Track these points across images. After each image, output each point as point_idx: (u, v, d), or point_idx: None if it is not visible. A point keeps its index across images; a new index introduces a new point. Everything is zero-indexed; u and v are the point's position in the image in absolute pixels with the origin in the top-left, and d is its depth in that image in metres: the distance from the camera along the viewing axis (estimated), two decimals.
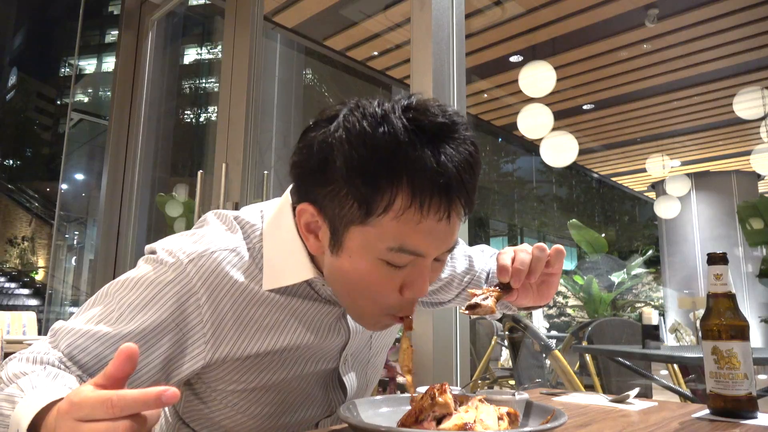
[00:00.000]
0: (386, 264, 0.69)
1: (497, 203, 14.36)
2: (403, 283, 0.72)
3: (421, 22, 2.06)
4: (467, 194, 0.69)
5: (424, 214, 0.66)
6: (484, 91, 6.81)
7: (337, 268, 0.73)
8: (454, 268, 1.06)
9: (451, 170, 0.66)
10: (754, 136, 7.59)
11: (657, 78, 6.20)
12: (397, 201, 0.65)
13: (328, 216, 0.71)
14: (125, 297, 0.74)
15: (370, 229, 0.67)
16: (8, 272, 17.99)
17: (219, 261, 0.76)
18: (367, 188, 0.66)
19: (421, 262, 0.71)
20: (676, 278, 9.44)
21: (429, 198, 0.65)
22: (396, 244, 0.67)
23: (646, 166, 8.39)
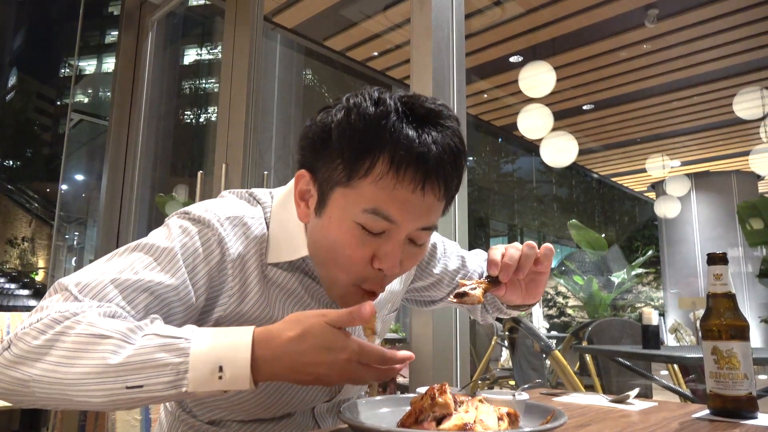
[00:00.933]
0: (361, 229, 0.74)
1: (497, 203, 14.36)
2: (375, 254, 0.76)
3: (421, 22, 2.06)
4: (445, 175, 0.74)
5: (399, 181, 0.72)
6: (484, 91, 6.81)
7: (318, 230, 0.79)
8: (446, 266, 1.11)
9: (431, 148, 0.72)
10: (754, 136, 7.59)
11: (657, 78, 6.21)
12: (377, 166, 0.72)
13: (318, 181, 0.78)
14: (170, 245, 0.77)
15: (351, 191, 0.74)
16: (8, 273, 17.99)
17: (249, 225, 0.83)
18: (353, 152, 0.73)
19: (395, 234, 0.75)
20: (676, 278, 9.44)
21: (405, 167, 0.71)
22: (370, 206, 0.73)
23: (646, 166, 8.39)
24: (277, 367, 0.64)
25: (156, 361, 0.62)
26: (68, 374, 0.62)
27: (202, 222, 0.80)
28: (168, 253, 0.76)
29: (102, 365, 0.62)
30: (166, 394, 0.62)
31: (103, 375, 0.62)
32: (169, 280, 0.74)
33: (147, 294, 0.73)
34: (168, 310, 0.75)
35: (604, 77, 6.23)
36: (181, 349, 0.63)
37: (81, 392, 0.62)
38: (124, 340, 0.63)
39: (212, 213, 0.81)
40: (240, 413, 0.89)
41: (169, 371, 0.62)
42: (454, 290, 1.03)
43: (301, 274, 0.87)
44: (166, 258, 0.76)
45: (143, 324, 0.66)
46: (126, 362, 0.62)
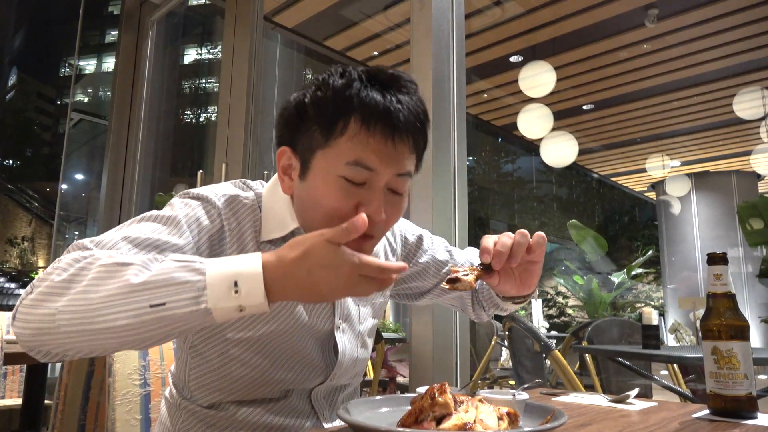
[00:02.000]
0: (345, 180, 0.82)
1: (497, 203, 14.36)
2: (359, 203, 0.83)
3: (421, 22, 2.06)
4: (411, 128, 0.83)
5: (372, 135, 0.81)
6: (484, 91, 6.81)
7: (304, 193, 0.87)
8: (433, 256, 1.15)
9: (396, 106, 0.82)
10: (754, 136, 7.59)
11: (657, 78, 6.21)
12: (350, 125, 0.81)
13: (299, 151, 0.87)
14: (174, 214, 0.84)
15: (331, 150, 0.82)
16: (8, 272, 18.00)
17: (244, 204, 0.91)
18: (327, 117, 0.82)
19: (375, 182, 0.83)
20: (676, 278, 9.45)
21: (375, 123, 0.80)
22: (351, 159, 0.81)
23: (646, 166, 8.38)
24: (286, 284, 0.69)
25: (176, 279, 0.66)
26: (93, 300, 0.66)
27: (202, 198, 0.89)
28: (173, 220, 0.83)
29: (126, 285, 0.66)
30: (188, 311, 0.66)
31: (127, 295, 0.66)
32: (176, 240, 0.81)
33: (157, 251, 0.78)
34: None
35: (604, 77, 6.23)
36: (197, 269, 0.67)
37: (106, 315, 0.65)
38: (144, 266, 0.68)
39: (210, 191, 0.90)
40: (237, 392, 0.91)
41: (189, 288, 0.66)
42: (446, 277, 1.07)
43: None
44: (172, 224, 0.83)
45: (159, 257, 0.71)
46: (148, 281, 0.66)
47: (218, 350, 0.91)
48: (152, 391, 1.16)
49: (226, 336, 0.90)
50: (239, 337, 0.89)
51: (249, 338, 0.90)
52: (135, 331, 0.66)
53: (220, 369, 0.91)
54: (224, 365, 0.91)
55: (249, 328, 0.89)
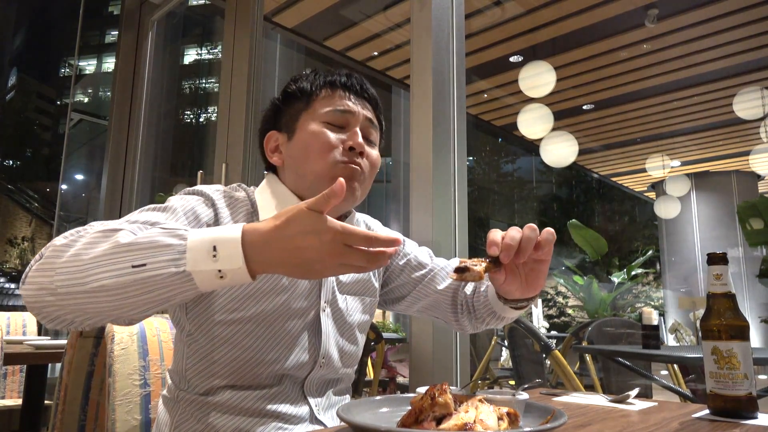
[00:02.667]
0: (328, 125, 0.99)
1: (497, 203, 14.36)
2: (342, 140, 0.99)
3: (421, 22, 2.06)
4: (368, 93, 1.05)
5: (341, 95, 1.02)
6: (484, 91, 6.81)
7: (295, 148, 1.01)
8: (415, 256, 1.18)
9: (356, 80, 1.04)
10: (754, 136, 7.59)
11: (657, 78, 6.21)
12: (323, 90, 1.02)
13: (284, 126, 1.05)
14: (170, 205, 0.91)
15: (311, 108, 1.01)
16: (8, 272, 18.00)
17: (237, 198, 1.01)
18: (305, 91, 1.03)
19: (353, 123, 1.00)
20: (676, 278, 9.45)
21: (340, 88, 1.02)
22: (330, 108, 1.00)
23: (646, 166, 8.38)
24: (268, 252, 0.69)
25: (158, 242, 0.70)
26: (84, 260, 0.70)
27: (196, 192, 0.98)
28: (170, 208, 0.90)
29: (113, 246, 0.70)
30: (167, 272, 0.68)
31: (112, 255, 0.70)
32: (172, 225, 0.85)
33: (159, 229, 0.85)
34: None
35: (604, 77, 6.23)
36: (179, 235, 0.71)
37: (94, 275, 0.69)
38: (133, 231, 0.74)
39: (204, 187, 1.00)
40: (231, 376, 0.93)
41: (169, 250, 0.69)
42: (423, 281, 1.14)
43: None
44: (169, 211, 0.90)
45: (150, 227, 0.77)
46: (133, 242, 0.70)
47: (210, 334, 0.93)
48: (152, 391, 1.16)
49: (216, 319, 0.93)
50: (230, 318, 0.93)
51: (239, 319, 0.93)
52: (119, 292, 0.69)
53: (213, 353, 0.93)
54: (216, 348, 0.93)
55: (238, 309, 0.92)
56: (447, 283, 1.14)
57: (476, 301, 1.11)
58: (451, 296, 1.14)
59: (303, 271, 0.70)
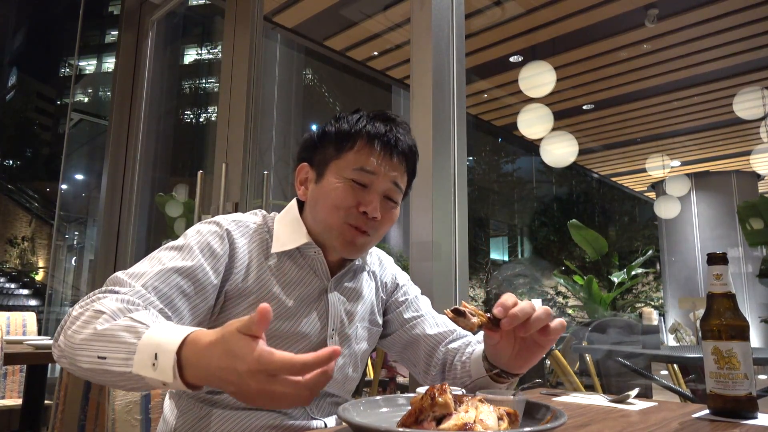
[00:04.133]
0: (351, 182, 1.02)
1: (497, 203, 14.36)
2: (359, 202, 1.01)
3: (421, 22, 2.06)
4: (405, 152, 1.06)
5: (374, 149, 1.03)
6: (484, 91, 6.80)
7: (318, 191, 1.05)
8: (414, 295, 1.22)
9: (394, 132, 1.05)
10: (754, 136, 7.59)
11: (657, 78, 6.20)
12: (358, 142, 1.03)
13: (316, 164, 1.08)
14: (186, 243, 0.98)
15: (341, 161, 1.04)
16: (8, 272, 18.00)
17: (251, 228, 1.07)
18: (342, 137, 1.05)
19: (375, 186, 1.02)
20: (676, 278, 9.44)
21: (378, 143, 1.03)
22: (358, 166, 1.02)
23: (646, 166, 8.38)
24: (198, 368, 0.66)
25: (117, 338, 0.72)
26: (76, 340, 0.76)
27: (213, 222, 1.04)
28: (186, 247, 0.97)
29: (92, 333, 0.75)
30: (120, 370, 0.70)
31: (89, 342, 0.74)
32: (188, 263, 0.94)
33: (176, 274, 0.92)
34: (193, 286, 0.93)
35: (604, 77, 6.22)
36: (137, 333, 0.71)
37: (80, 356, 0.75)
38: (113, 315, 0.76)
39: (221, 218, 1.06)
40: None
41: (123, 348, 0.71)
42: (407, 325, 1.17)
43: (298, 258, 1.08)
44: (185, 250, 0.96)
45: (133, 308, 0.79)
46: (104, 333, 0.73)
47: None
48: (152, 391, 1.16)
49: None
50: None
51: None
52: (94, 375, 0.75)
53: None
54: None
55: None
56: (436, 330, 1.14)
57: (457, 358, 1.08)
58: (433, 345, 1.13)
59: (231, 391, 0.63)
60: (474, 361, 1.02)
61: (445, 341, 1.13)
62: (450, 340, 1.12)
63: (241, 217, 1.07)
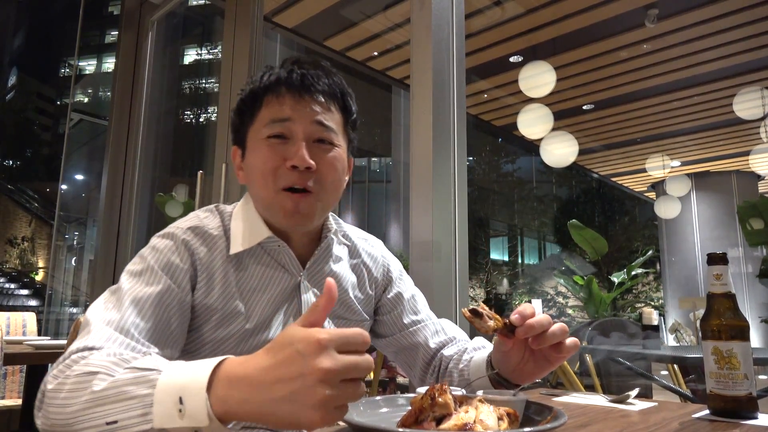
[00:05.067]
0: (269, 139, 0.91)
1: (497, 203, 14.36)
2: (283, 157, 0.90)
3: (421, 22, 2.06)
4: (317, 84, 0.93)
5: (281, 97, 0.92)
6: (484, 91, 6.81)
7: (247, 171, 0.96)
8: (410, 292, 1.14)
9: (297, 72, 0.93)
10: (754, 136, 7.59)
11: (657, 78, 6.20)
12: (264, 98, 0.94)
13: (240, 142, 0.98)
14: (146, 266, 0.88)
15: (255, 124, 0.94)
16: (8, 272, 17.99)
17: (209, 232, 0.95)
18: (248, 102, 0.95)
19: (295, 133, 0.91)
20: (676, 278, 9.44)
21: (281, 88, 0.92)
22: (269, 119, 0.92)
23: (646, 166, 8.38)
24: (241, 391, 0.57)
25: (125, 394, 0.62)
26: (68, 414, 0.65)
27: (167, 236, 0.93)
28: (146, 271, 0.87)
29: (89, 400, 0.64)
30: (138, 429, 0.60)
31: (89, 411, 0.64)
32: (157, 287, 0.85)
33: (149, 304, 0.83)
34: (167, 313, 0.85)
35: (604, 77, 6.22)
36: (149, 381, 0.62)
37: (78, 430, 0.64)
38: (108, 372, 0.66)
39: (175, 227, 0.94)
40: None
41: (136, 404, 0.61)
42: (407, 329, 1.11)
43: (262, 256, 0.97)
44: (146, 274, 0.87)
45: (131, 357, 0.69)
46: (105, 394, 0.63)
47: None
48: None
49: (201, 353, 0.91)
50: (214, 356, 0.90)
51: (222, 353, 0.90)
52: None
53: None
54: None
55: (221, 348, 0.91)
56: (437, 339, 1.10)
57: (452, 365, 1.06)
58: (433, 354, 1.10)
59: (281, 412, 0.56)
60: (474, 366, 1.00)
61: (445, 347, 1.10)
62: (450, 346, 1.10)
63: (197, 222, 0.95)
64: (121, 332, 0.78)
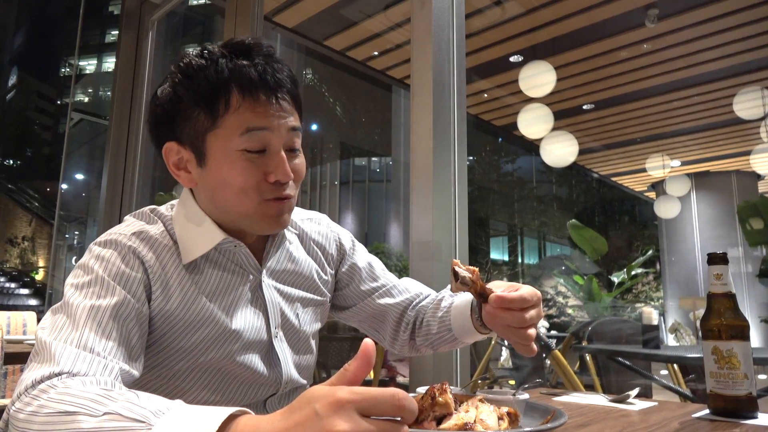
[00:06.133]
0: (245, 153, 0.82)
1: (497, 203, 14.36)
2: (264, 171, 0.83)
3: (421, 22, 2.06)
4: (286, 83, 0.85)
5: (255, 100, 0.82)
6: (484, 91, 6.80)
7: (208, 178, 0.86)
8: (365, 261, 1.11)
9: (265, 68, 0.83)
10: (754, 136, 7.59)
11: (657, 78, 6.20)
12: (231, 100, 0.81)
13: (187, 141, 0.86)
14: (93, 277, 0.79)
15: (221, 130, 0.82)
16: (8, 272, 18.01)
17: (155, 237, 0.87)
18: (206, 98, 0.82)
19: (274, 145, 0.83)
20: (676, 278, 9.44)
21: (254, 91, 0.81)
22: (243, 128, 0.81)
23: (646, 166, 8.38)
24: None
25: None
26: None
27: (111, 243, 0.84)
28: (96, 282, 0.79)
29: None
30: None
31: None
32: (112, 299, 0.77)
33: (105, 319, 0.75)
34: (127, 327, 0.77)
35: (604, 77, 6.22)
36: (145, 422, 0.54)
37: None
38: (88, 413, 0.57)
39: (117, 234, 0.86)
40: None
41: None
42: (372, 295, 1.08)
43: (218, 258, 0.91)
44: (97, 285, 0.78)
45: (115, 395, 0.59)
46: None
47: (164, 384, 0.87)
48: None
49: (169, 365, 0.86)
50: (179, 367, 0.86)
51: (189, 368, 0.86)
52: None
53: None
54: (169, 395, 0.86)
55: (188, 357, 0.86)
56: (403, 297, 1.09)
57: (430, 315, 1.04)
58: (402, 311, 1.08)
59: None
60: (457, 310, 0.98)
61: (413, 303, 1.09)
62: (418, 301, 1.10)
63: (139, 227, 0.88)
64: (85, 349, 0.69)
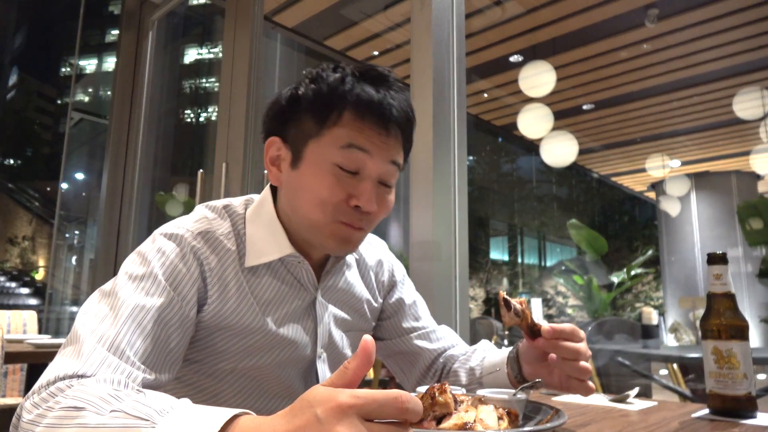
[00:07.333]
0: (338, 169, 0.82)
1: (497, 203, 14.35)
2: (350, 194, 0.83)
3: (421, 22, 2.06)
4: (402, 120, 0.84)
5: (366, 124, 0.81)
6: (484, 91, 6.80)
7: (296, 180, 0.85)
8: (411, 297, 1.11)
9: (388, 99, 0.83)
10: (754, 136, 7.58)
11: (657, 78, 6.20)
12: (344, 115, 0.82)
13: (290, 140, 0.87)
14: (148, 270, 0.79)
15: (324, 139, 0.82)
16: (9, 272, 18.00)
17: (220, 240, 0.87)
18: (321, 107, 0.83)
19: (368, 171, 0.82)
20: (676, 278, 9.44)
21: (369, 114, 0.81)
22: (346, 142, 0.81)
23: (646, 166, 8.38)
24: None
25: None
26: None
27: (176, 238, 0.84)
28: (148, 276, 0.78)
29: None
30: None
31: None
32: (158, 300, 0.77)
33: (147, 320, 0.75)
34: (167, 331, 0.77)
35: (604, 77, 6.22)
36: (149, 420, 0.54)
37: None
38: (96, 411, 0.57)
39: (184, 229, 0.85)
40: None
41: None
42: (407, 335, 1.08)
43: (279, 269, 0.91)
44: (148, 280, 0.78)
45: (123, 394, 0.59)
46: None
47: (201, 385, 0.88)
48: None
49: (212, 364, 0.87)
50: (221, 367, 0.87)
51: (231, 369, 0.88)
52: None
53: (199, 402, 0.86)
54: (205, 401, 0.87)
55: (231, 359, 0.87)
56: (438, 345, 1.09)
57: (459, 365, 1.05)
58: (434, 358, 1.09)
59: None
60: (490, 362, 1.00)
61: (445, 351, 1.10)
62: (449, 349, 1.10)
63: (207, 225, 0.87)
64: (115, 353, 0.69)
